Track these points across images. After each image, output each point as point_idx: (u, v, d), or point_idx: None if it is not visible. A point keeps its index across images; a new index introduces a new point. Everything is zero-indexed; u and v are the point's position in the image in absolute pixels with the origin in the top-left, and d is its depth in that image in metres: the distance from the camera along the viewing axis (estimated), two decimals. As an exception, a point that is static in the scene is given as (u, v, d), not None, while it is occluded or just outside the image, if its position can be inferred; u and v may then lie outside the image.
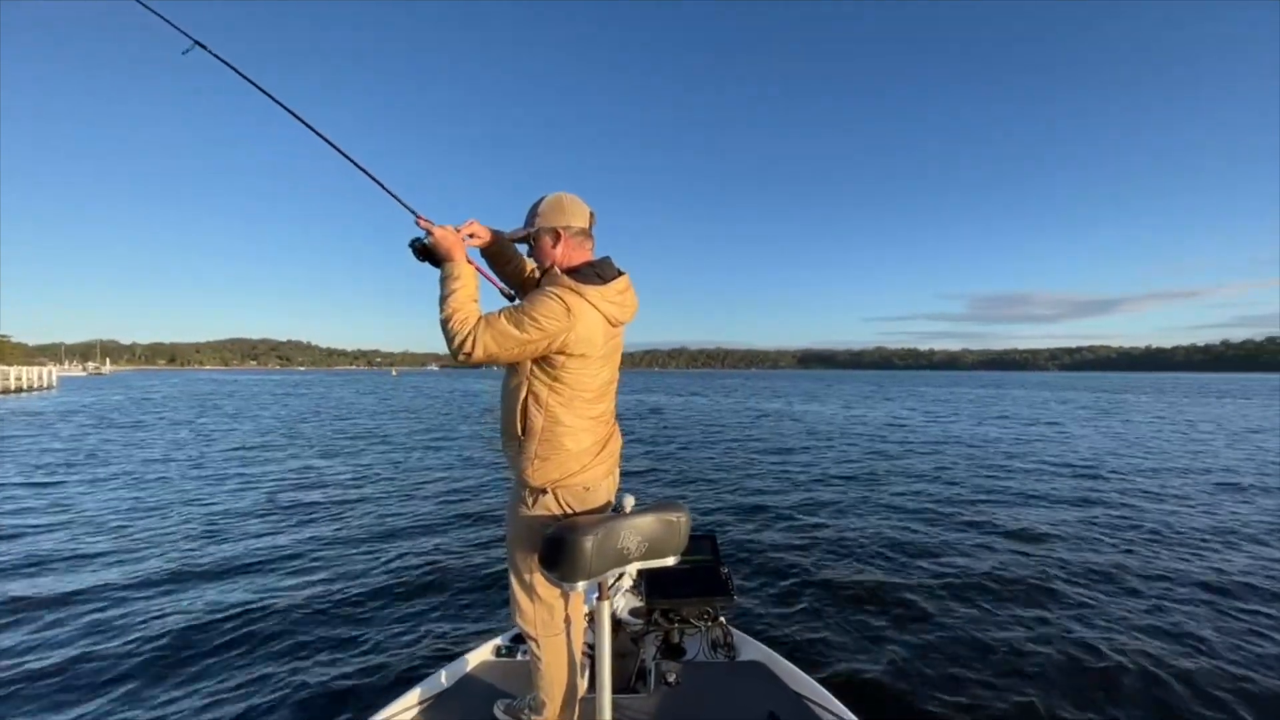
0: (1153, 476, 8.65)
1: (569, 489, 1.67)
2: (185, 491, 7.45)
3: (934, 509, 6.57)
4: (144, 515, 6.21)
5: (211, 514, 6.30)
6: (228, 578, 4.35)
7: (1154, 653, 3.21)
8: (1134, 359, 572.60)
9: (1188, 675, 2.99)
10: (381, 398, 33.20)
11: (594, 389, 1.69)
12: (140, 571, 4.44)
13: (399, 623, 3.62)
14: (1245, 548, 5.13)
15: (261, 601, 3.86)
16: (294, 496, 7.28)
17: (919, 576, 4.37)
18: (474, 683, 2.16)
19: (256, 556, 4.81)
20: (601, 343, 1.66)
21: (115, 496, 7.17)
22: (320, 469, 9.40)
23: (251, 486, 7.85)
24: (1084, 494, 7.41)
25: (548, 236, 1.70)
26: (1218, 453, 11.22)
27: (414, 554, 4.93)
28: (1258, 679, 2.97)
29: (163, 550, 4.98)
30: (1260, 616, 3.71)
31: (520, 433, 1.65)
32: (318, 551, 4.99)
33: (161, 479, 8.31)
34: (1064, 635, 3.42)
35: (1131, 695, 2.85)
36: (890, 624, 3.58)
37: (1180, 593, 4.10)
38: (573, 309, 1.56)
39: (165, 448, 11.61)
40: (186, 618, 3.60)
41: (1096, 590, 4.13)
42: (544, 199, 1.72)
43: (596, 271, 1.68)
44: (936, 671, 3.04)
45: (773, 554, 4.89)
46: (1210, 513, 6.41)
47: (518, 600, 1.77)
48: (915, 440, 13.27)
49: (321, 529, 5.73)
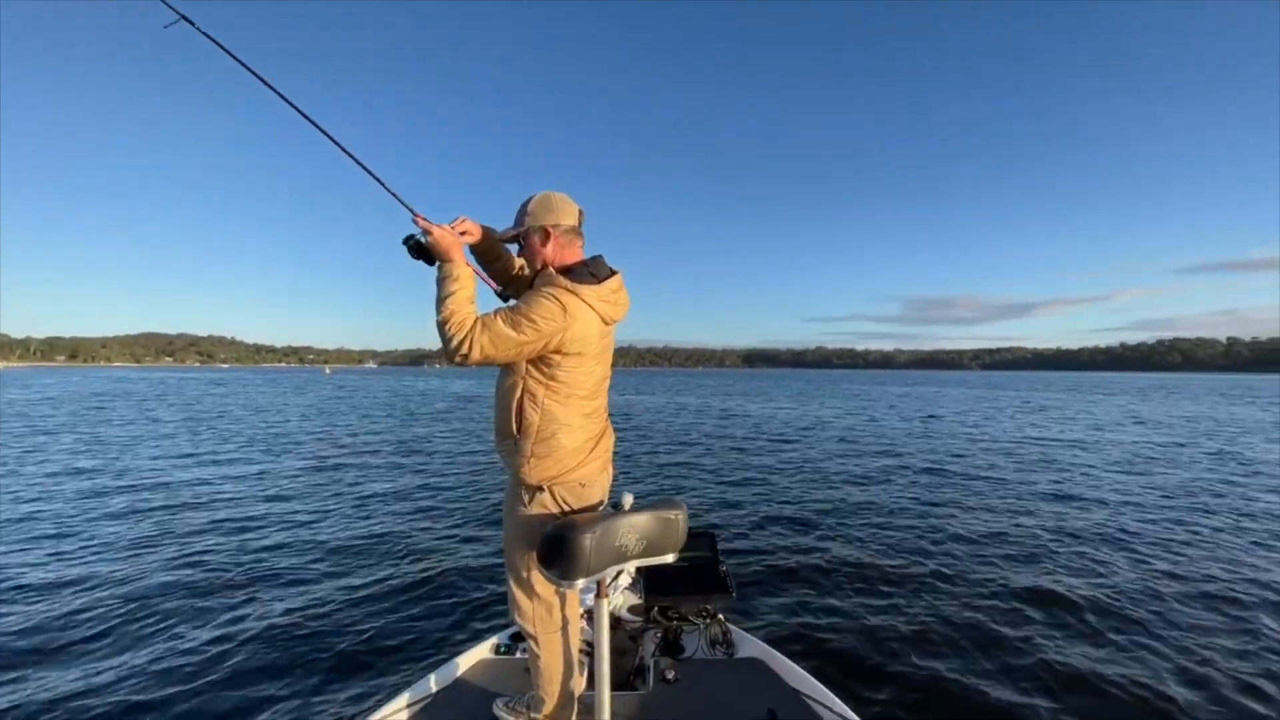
0: (1144, 476, 8.81)
1: (566, 485, 1.68)
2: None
3: (930, 508, 6.55)
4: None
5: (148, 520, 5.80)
6: (216, 580, 4.22)
7: (1153, 651, 3.21)
8: (1045, 359, 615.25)
9: (1203, 681, 2.94)
10: (325, 398, 30.11)
11: (589, 386, 1.71)
12: (131, 573, 4.30)
13: (395, 622, 3.56)
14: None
15: (251, 604, 3.81)
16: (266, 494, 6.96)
17: (918, 573, 4.37)
18: (472, 681, 2.15)
19: (243, 559, 4.70)
20: (596, 341, 1.68)
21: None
22: (288, 471, 8.87)
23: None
24: (1099, 496, 7.30)
25: (537, 235, 1.70)
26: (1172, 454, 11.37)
27: (406, 554, 4.85)
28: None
29: (129, 555, 4.77)
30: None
31: (516, 431, 1.66)
32: (303, 554, 4.83)
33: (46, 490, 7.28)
34: (1062, 633, 3.43)
35: (1130, 694, 2.82)
36: (889, 621, 3.56)
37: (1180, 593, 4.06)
38: (569, 309, 1.58)
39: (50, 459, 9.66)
40: (177, 621, 3.55)
41: (1095, 587, 4.10)
42: (533, 197, 1.72)
43: (590, 271, 1.70)
44: (934, 667, 3.02)
45: (771, 551, 4.88)
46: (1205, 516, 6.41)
47: (516, 598, 1.78)
48: (906, 439, 13.23)
49: (303, 533, 5.50)
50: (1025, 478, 8.44)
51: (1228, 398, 35.24)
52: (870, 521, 5.89)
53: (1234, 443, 12.85)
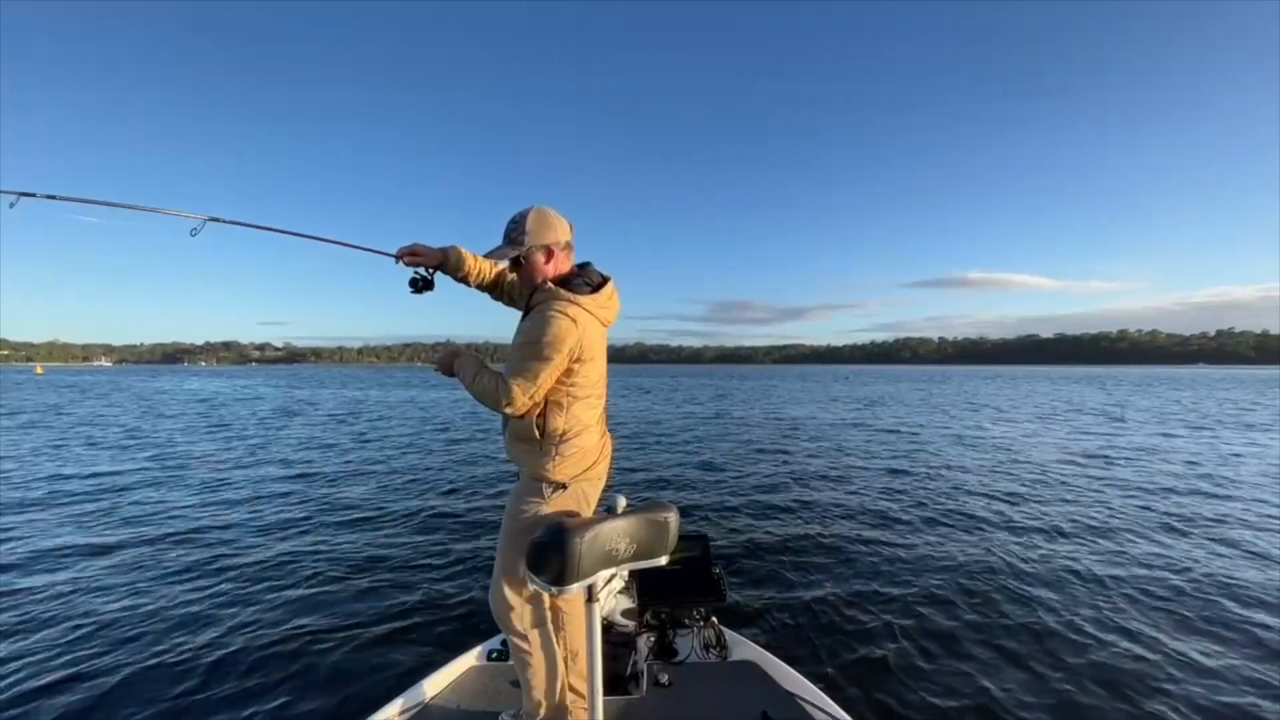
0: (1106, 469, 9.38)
1: (588, 480, 1.77)
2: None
3: (925, 506, 6.48)
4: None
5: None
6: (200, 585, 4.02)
7: (1152, 649, 3.20)
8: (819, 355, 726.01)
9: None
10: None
11: (598, 385, 1.79)
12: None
13: (383, 628, 3.42)
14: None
15: (234, 608, 3.66)
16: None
17: (909, 575, 4.30)
18: (464, 688, 2.13)
19: (224, 569, 4.36)
20: (597, 343, 1.75)
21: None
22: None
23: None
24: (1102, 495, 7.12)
25: (540, 254, 1.72)
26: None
27: (390, 562, 4.58)
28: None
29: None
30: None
31: (539, 435, 1.70)
32: (278, 567, 4.46)
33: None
34: (1060, 631, 3.41)
35: (1127, 692, 2.79)
36: (881, 622, 3.51)
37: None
38: (578, 320, 1.65)
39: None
40: (158, 624, 3.41)
41: (1092, 587, 4.08)
42: (527, 215, 1.71)
43: (585, 280, 1.76)
44: (927, 668, 3.01)
45: (763, 554, 4.78)
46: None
47: (508, 600, 1.76)
48: (892, 438, 12.68)
49: (269, 542, 4.97)
50: (1020, 476, 8.29)
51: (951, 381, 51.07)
52: (865, 523, 5.79)
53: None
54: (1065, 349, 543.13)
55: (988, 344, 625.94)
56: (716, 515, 6.05)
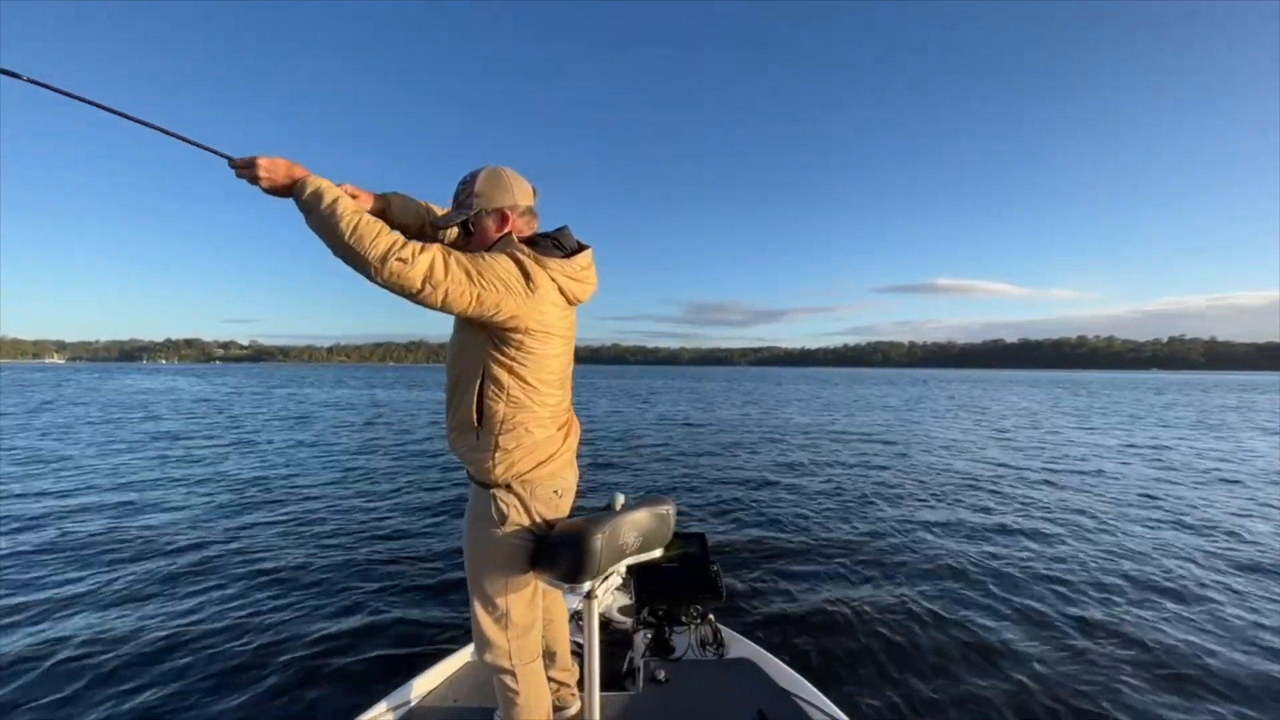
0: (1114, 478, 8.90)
1: (538, 492, 1.50)
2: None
3: (923, 505, 6.44)
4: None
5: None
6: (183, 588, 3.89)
7: (1150, 648, 3.20)
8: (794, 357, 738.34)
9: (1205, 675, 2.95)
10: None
11: (557, 372, 1.52)
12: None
13: (374, 625, 3.38)
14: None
15: (216, 609, 3.59)
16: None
17: (905, 573, 4.31)
18: (455, 686, 2.10)
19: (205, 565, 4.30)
20: (558, 321, 1.47)
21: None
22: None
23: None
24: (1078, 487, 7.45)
25: (491, 219, 1.46)
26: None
27: (381, 557, 4.53)
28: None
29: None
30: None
31: (477, 422, 1.45)
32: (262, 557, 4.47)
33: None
34: (1057, 629, 3.42)
35: (1124, 690, 2.79)
36: (878, 620, 3.50)
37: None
38: (534, 278, 1.37)
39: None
40: (144, 624, 3.35)
41: (1089, 586, 4.08)
42: (479, 174, 1.46)
43: (555, 242, 1.49)
44: (923, 667, 3.00)
45: (761, 553, 4.76)
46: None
47: (487, 633, 1.54)
48: (887, 441, 12.47)
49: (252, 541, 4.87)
50: (1021, 476, 8.37)
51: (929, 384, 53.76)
52: (862, 522, 5.74)
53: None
54: (1029, 354, 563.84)
55: (955, 348, 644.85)
56: (714, 515, 6.03)
